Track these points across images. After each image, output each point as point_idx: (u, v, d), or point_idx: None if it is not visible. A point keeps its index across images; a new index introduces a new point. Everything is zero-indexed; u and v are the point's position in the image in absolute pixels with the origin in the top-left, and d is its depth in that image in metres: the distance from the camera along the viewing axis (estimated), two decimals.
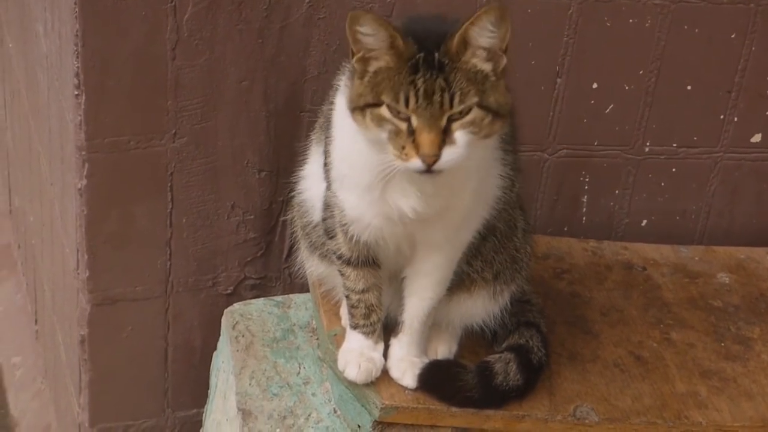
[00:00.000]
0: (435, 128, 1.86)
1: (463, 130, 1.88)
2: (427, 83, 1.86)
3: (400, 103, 1.87)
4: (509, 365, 2.25)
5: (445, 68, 1.87)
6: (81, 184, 2.50)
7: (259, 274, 2.74)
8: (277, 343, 2.50)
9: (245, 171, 2.61)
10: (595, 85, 2.69)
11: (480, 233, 2.19)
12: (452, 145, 1.88)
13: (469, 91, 1.87)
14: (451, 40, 1.87)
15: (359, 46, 1.91)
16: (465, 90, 1.87)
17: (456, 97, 1.86)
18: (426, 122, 1.86)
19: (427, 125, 1.86)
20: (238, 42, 2.46)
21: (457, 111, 1.87)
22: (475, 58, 1.88)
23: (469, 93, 1.87)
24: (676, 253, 2.79)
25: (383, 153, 1.91)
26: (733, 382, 2.39)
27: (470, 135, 1.88)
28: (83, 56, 2.37)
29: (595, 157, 2.78)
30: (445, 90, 1.86)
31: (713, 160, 2.84)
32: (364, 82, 1.92)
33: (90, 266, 2.59)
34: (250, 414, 2.35)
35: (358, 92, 1.93)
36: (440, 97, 1.86)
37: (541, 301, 2.46)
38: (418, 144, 1.87)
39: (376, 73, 1.91)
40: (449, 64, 1.87)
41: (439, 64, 1.87)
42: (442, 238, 2.12)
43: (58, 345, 3.05)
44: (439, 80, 1.86)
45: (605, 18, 2.62)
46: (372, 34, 1.89)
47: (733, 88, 2.76)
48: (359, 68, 1.93)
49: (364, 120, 1.92)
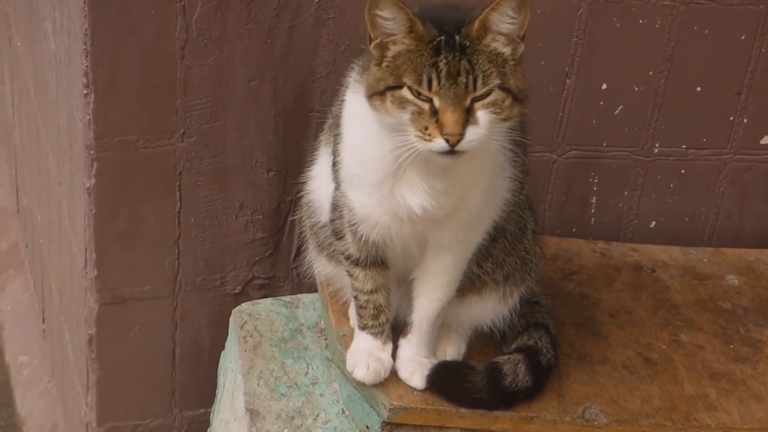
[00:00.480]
0: (459, 108, 1.87)
1: (485, 110, 1.89)
2: (450, 64, 1.87)
3: (423, 85, 1.88)
4: (518, 366, 2.24)
5: (466, 50, 1.88)
6: (89, 183, 2.50)
7: (267, 273, 2.74)
8: (285, 344, 2.49)
9: (254, 171, 2.61)
10: (604, 86, 2.69)
11: (490, 235, 2.19)
12: (475, 125, 1.89)
13: (492, 72, 1.89)
14: (471, 24, 1.89)
15: (377, 32, 1.92)
16: (487, 72, 1.89)
17: (479, 78, 1.88)
18: (450, 102, 1.87)
19: (451, 105, 1.87)
20: (247, 41, 2.46)
21: (481, 93, 1.88)
22: (495, 42, 1.90)
23: (492, 74, 1.89)
24: (685, 255, 2.78)
25: (404, 135, 1.91)
26: (742, 384, 2.38)
27: (492, 115, 1.90)
28: (92, 55, 2.36)
29: (604, 158, 2.78)
30: (469, 72, 1.88)
31: (722, 161, 2.84)
32: (383, 68, 1.92)
33: (98, 265, 2.59)
34: (258, 414, 2.35)
35: (377, 77, 1.93)
36: (465, 78, 1.88)
37: (550, 303, 2.46)
38: (441, 124, 1.87)
39: (396, 57, 1.91)
40: (470, 46, 1.89)
41: (460, 46, 1.88)
42: (451, 238, 2.11)
43: (66, 344, 3.04)
44: (463, 61, 1.87)
45: (615, 19, 2.61)
46: (391, 18, 1.90)
47: (742, 90, 2.76)
48: (377, 54, 1.93)
49: (384, 104, 1.92)
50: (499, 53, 1.91)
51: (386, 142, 1.97)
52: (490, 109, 1.89)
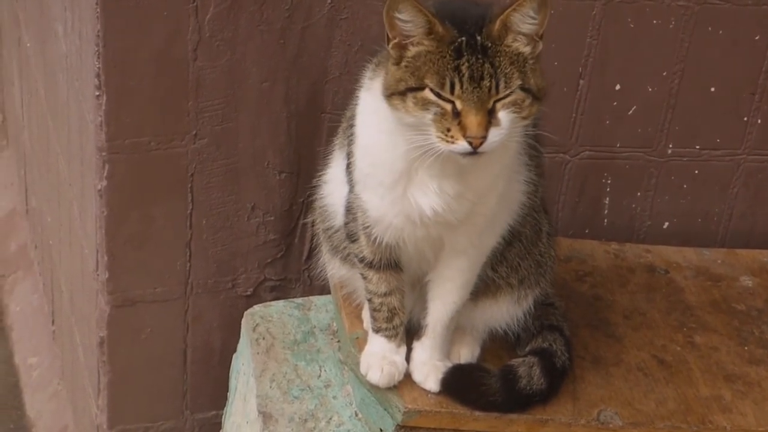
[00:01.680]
0: (482, 111, 1.87)
1: (506, 110, 1.88)
2: (473, 68, 1.86)
3: (446, 88, 1.87)
4: (533, 369, 2.23)
5: (488, 52, 1.87)
6: (101, 185, 2.49)
7: (279, 275, 2.74)
8: (298, 346, 2.49)
9: (266, 172, 2.60)
10: (618, 86, 2.68)
11: (505, 239, 2.18)
12: (497, 126, 1.88)
13: (513, 74, 1.88)
14: (492, 24, 1.87)
15: (395, 32, 1.91)
16: (509, 73, 1.88)
17: (501, 81, 1.87)
18: (473, 105, 1.86)
19: (474, 108, 1.86)
20: (260, 43, 2.45)
21: (503, 95, 1.88)
22: (516, 42, 1.89)
23: (513, 76, 1.88)
24: (698, 256, 2.77)
25: (424, 135, 1.90)
26: (757, 386, 2.37)
27: (513, 115, 1.89)
28: (104, 57, 2.36)
29: (618, 158, 2.77)
30: (492, 75, 1.87)
31: (736, 162, 2.83)
32: (402, 67, 1.91)
33: (110, 267, 2.59)
34: (270, 417, 2.34)
35: (396, 77, 1.91)
36: (489, 82, 1.87)
37: (564, 305, 2.45)
38: (465, 126, 1.86)
39: (416, 58, 1.90)
40: (492, 47, 1.87)
41: (482, 47, 1.87)
42: (466, 242, 2.10)
43: (76, 346, 3.04)
44: (486, 65, 1.86)
45: (629, 19, 2.60)
46: (410, 21, 1.88)
47: (756, 90, 2.75)
48: (395, 54, 1.92)
49: (405, 104, 1.90)
50: (520, 53, 1.89)
51: (400, 143, 1.96)
52: (511, 109, 1.88)
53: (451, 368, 2.22)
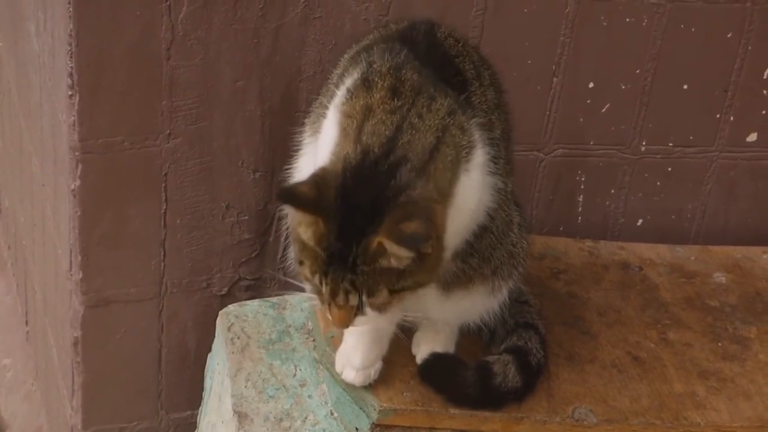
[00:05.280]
0: (344, 309, 1.89)
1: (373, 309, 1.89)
2: (333, 282, 1.86)
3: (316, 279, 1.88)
4: (508, 367, 2.23)
5: (356, 269, 1.84)
6: (74, 185, 2.48)
7: (254, 275, 2.73)
8: (273, 345, 2.48)
9: (240, 171, 2.60)
10: (591, 84, 2.69)
11: (474, 233, 2.16)
12: (364, 315, 1.90)
13: (378, 286, 1.86)
14: (370, 243, 1.82)
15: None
16: (373, 288, 1.86)
17: (364, 294, 1.86)
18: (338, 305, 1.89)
19: (336, 306, 1.90)
20: (234, 41, 2.45)
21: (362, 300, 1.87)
22: (393, 259, 1.84)
23: (378, 289, 1.86)
24: (672, 253, 2.78)
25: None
26: (731, 382, 2.38)
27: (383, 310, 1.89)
28: (77, 56, 2.34)
29: (591, 156, 2.78)
30: (350, 292, 1.86)
31: (709, 159, 2.84)
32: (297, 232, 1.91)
33: (83, 268, 2.57)
34: (245, 416, 2.33)
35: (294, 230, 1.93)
36: (344, 298, 1.87)
37: (539, 302, 2.45)
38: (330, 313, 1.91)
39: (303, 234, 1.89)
40: (362, 265, 1.84)
41: (352, 263, 1.84)
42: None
43: (50, 347, 3.03)
44: (344, 283, 1.85)
45: (602, 17, 2.61)
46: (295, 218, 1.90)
47: (729, 87, 2.76)
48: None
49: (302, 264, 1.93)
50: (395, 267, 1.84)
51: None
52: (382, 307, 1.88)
53: (430, 356, 2.22)
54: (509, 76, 2.51)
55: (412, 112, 1.94)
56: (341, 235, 1.84)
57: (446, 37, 2.13)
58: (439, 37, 2.11)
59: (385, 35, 2.15)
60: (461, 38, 2.17)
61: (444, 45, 2.10)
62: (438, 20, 2.25)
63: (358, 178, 1.88)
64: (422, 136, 1.92)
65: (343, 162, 1.90)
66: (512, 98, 2.25)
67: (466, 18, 2.54)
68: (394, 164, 1.88)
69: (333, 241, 1.84)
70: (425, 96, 1.96)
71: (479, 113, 2.06)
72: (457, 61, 2.09)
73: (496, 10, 2.55)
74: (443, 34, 2.13)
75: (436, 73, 2.02)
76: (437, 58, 2.07)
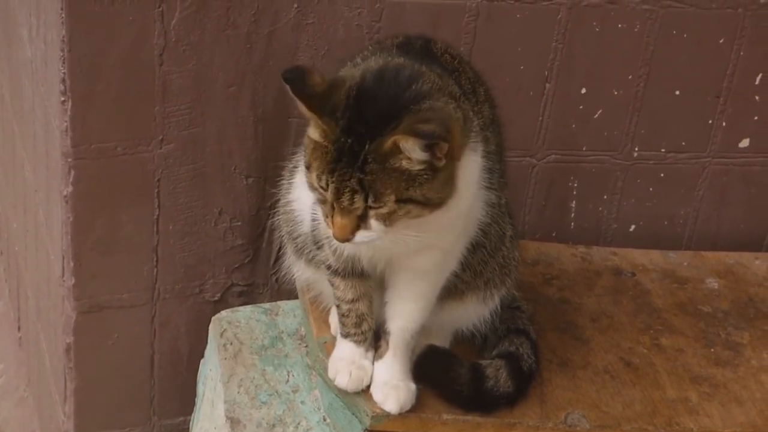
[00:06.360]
0: (348, 216, 1.85)
1: (379, 220, 1.85)
2: (342, 180, 1.81)
3: (323, 182, 1.84)
4: (500, 372, 2.24)
5: (366, 167, 1.80)
6: (67, 190, 2.48)
7: (247, 280, 2.73)
8: (266, 351, 2.48)
9: (233, 177, 2.59)
10: (583, 90, 2.69)
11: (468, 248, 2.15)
12: (367, 229, 1.86)
13: (386, 191, 1.81)
14: (384, 140, 1.79)
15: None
16: (380, 191, 1.81)
17: (370, 197, 1.82)
18: (339, 210, 1.85)
19: (340, 213, 1.85)
20: (226, 47, 2.45)
21: (374, 207, 1.83)
22: (405, 161, 1.81)
23: (385, 193, 1.81)
24: (664, 259, 2.78)
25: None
26: (723, 387, 2.38)
27: (388, 223, 1.85)
28: (70, 62, 2.34)
29: (584, 162, 2.78)
30: (357, 192, 1.82)
31: (701, 165, 2.84)
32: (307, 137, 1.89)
33: (76, 273, 2.57)
34: (238, 422, 2.33)
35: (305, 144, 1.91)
36: (353, 199, 1.82)
37: (531, 308, 2.45)
38: (332, 223, 1.86)
39: (311, 138, 1.87)
40: (371, 163, 1.80)
41: (363, 159, 1.80)
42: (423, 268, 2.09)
43: (43, 353, 3.02)
44: (352, 181, 1.81)
45: (594, 23, 2.62)
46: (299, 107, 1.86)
47: (721, 93, 2.77)
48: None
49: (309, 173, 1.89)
50: (406, 170, 1.81)
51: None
52: (387, 217, 1.84)
53: (426, 348, 2.22)
54: (501, 82, 2.53)
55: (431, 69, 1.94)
56: (353, 133, 1.80)
57: (442, 53, 2.12)
58: (436, 52, 2.11)
59: (381, 49, 2.15)
60: (456, 54, 2.17)
61: (441, 60, 2.10)
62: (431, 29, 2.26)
63: (377, 81, 1.86)
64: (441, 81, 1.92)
65: (364, 69, 1.90)
66: (505, 104, 2.25)
67: (458, 24, 2.54)
68: (416, 75, 1.87)
69: (342, 138, 1.81)
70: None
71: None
72: (453, 76, 2.09)
73: (488, 16, 2.55)
74: (439, 50, 2.13)
75: None
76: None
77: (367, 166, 1.80)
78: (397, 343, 2.16)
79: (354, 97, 1.83)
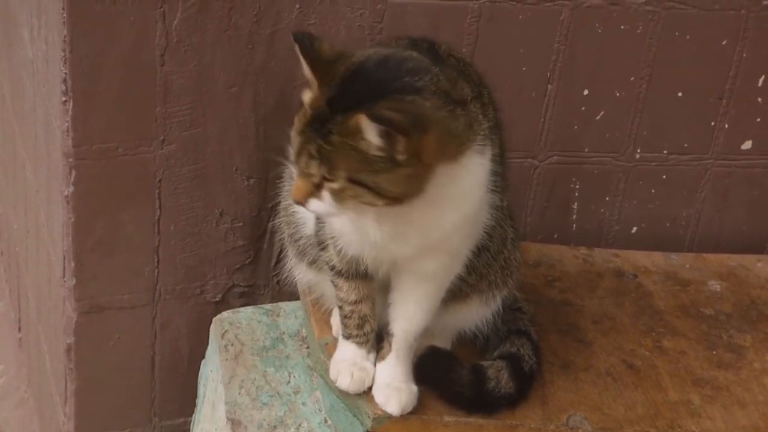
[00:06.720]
0: (306, 180, 1.87)
1: (332, 194, 1.86)
2: (303, 143, 1.84)
3: (293, 142, 1.88)
4: (501, 373, 2.23)
5: (328, 138, 1.82)
6: (68, 191, 2.48)
7: (248, 281, 2.73)
8: (267, 352, 2.48)
9: (234, 178, 2.59)
10: (585, 91, 2.69)
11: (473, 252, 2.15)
12: (319, 199, 1.87)
13: (340, 165, 1.82)
14: (350, 118, 1.80)
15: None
16: (334, 164, 1.82)
17: (323, 167, 1.83)
18: (299, 172, 1.88)
19: (299, 175, 1.88)
20: (228, 48, 2.44)
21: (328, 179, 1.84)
22: (364, 142, 1.81)
23: (339, 168, 1.82)
24: (666, 261, 2.78)
25: None
26: (725, 390, 2.38)
27: (341, 201, 1.86)
28: (71, 62, 2.34)
29: (586, 163, 2.77)
30: (314, 158, 1.83)
31: (704, 166, 2.84)
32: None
33: (77, 274, 2.57)
34: (239, 424, 2.33)
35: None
36: (306, 162, 1.85)
37: (533, 309, 2.45)
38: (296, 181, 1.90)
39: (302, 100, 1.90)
40: (334, 136, 1.82)
41: (328, 131, 1.82)
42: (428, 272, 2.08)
43: (43, 353, 3.02)
44: (312, 146, 1.83)
45: (596, 24, 2.61)
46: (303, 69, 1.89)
47: (724, 95, 2.76)
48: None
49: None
50: (363, 152, 1.81)
51: None
52: (334, 195, 1.85)
53: (427, 348, 2.21)
54: (503, 84, 2.52)
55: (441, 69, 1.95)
56: (333, 104, 1.83)
57: (448, 55, 2.12)
58: (441, 55, 2.11)
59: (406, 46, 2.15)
60: (460, 57, 2.17)
61: (447, 63, 2.10)
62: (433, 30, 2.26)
63: (379, 64, 1.88)
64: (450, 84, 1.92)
65: (375, 50, 1.94)
66: (506, 105, 2.24)
67: (460, 25, 2.54)
68: (419, 70, 1.88)
69: (323, 105, 1.84)
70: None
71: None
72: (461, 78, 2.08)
73: (490, 17, 2.55)
74: (444, 52, 2.12)
75: None
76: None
77: (330, 137, 1.82)
78: (400, 345, 2.16)
79: (351, 72, 1.86)
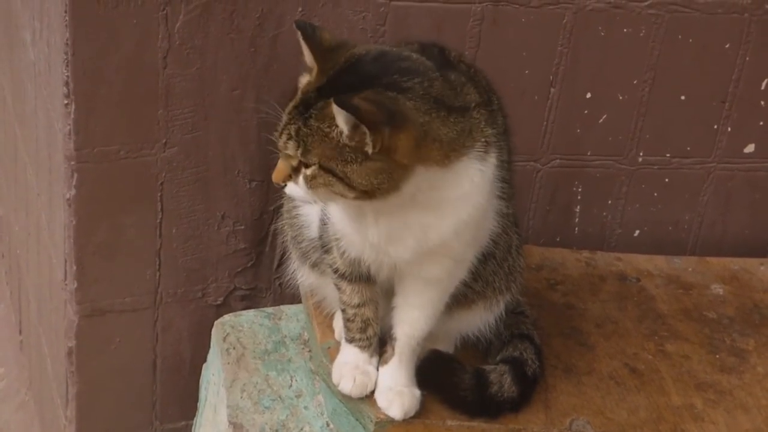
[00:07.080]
0: (286, 162, 1.90)
1: (306, 179, 1.88)
2: (285, 123, 1.88)
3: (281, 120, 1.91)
4: (504, 377, 2.23)
5: (308, 122, 1.85)
6: (70, 194, 2.47)
7: (249, 284, 2.72)
8: (269, 356, 2.47)
9: (236, 181, 2.59)
10: (588, 94, 2.68)
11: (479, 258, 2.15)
12: (295, 183, 1.90)
13: (314, 150, 1.85)
14: (329, 103, 1.81)
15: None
16: (309, 148, 1.85)
17: (300, 149, 1.86)
18: (281, 153, 1.90)
19: (281, 156, 1.90)
20: (230, 50, 2.44)
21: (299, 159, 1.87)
22: (337, 130, 1.83)
23: (312, 152, 1.85)
24: (669, 264, 2.78)
25: None
26: (728, 394, 2.37)
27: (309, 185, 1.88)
28: (73, 65, 2.34)
29: (589, 167, 2.77)
30: (292, 138, 1.86)
31: (706, 170, 2.83)
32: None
33: (78, 277, 2.56)
34: (241, 427, 2.32)
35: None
36: (285, 142, 1.88)
37: (535, 313, 2.45)
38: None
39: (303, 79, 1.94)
40: (313, 120, 1.84)
41: (309, 115, 1.85)
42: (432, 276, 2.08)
43: (44, 356, 3.01)
44: (292, 127, 1.86)
45: (599, 27, 2.61)
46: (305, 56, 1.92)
47: (726, 99, 2.76)
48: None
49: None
50: (336, 141, 1.83)
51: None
52: (309, 180, 1.87)
53: (429, 352, 2.21)
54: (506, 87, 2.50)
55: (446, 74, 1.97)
56: (322, 90, 1.86)
57: (458, 61, 2.12)
58: (452, 60, 2.10)
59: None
60: (470, 63, 2.16)
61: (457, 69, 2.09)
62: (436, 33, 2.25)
63: (375, 59, 1.91)
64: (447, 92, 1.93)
65: (377, 46, 1.98)
66: (509, 109, 2.24)
67: (463, 28, 2.54)
68: (414, 72, 1.89)
69: (312, 90, 1.88)
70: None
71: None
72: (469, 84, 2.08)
73: (493, 20, 2.54)
74: (455, 58, 2.12)
75: None
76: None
77: (310, 120, 1.85)
78: (403, 349, 2.15)
79: (349, 64, 1.89)
